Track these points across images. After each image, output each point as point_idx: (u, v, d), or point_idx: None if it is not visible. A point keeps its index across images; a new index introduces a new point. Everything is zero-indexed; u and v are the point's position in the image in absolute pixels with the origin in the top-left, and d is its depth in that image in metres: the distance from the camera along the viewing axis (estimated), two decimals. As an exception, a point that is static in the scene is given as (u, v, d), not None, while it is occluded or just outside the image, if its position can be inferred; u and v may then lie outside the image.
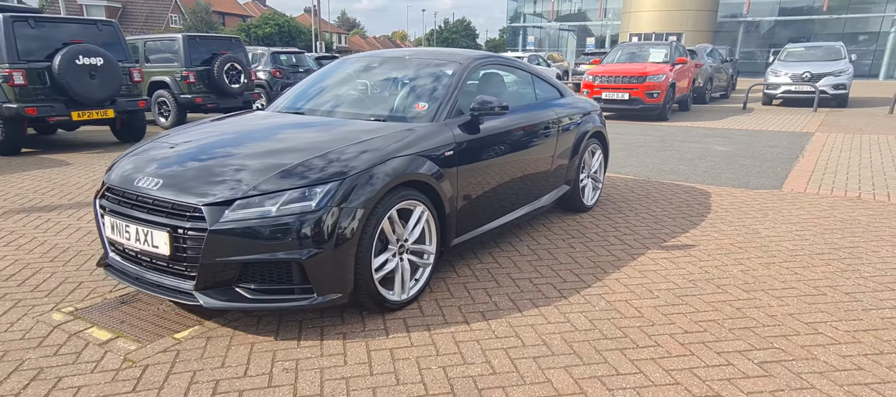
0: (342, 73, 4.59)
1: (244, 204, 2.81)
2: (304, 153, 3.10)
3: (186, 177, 3.01)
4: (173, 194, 2.90)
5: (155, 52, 12.31)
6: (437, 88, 3.90)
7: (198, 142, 3.47)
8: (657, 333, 2.97)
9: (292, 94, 4.51)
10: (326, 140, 3.30)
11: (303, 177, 2.90)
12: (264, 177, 2.89)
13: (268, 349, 2.84)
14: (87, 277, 3.69)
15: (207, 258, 2.79)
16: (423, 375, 2.60)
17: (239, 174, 2.95)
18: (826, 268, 3.87)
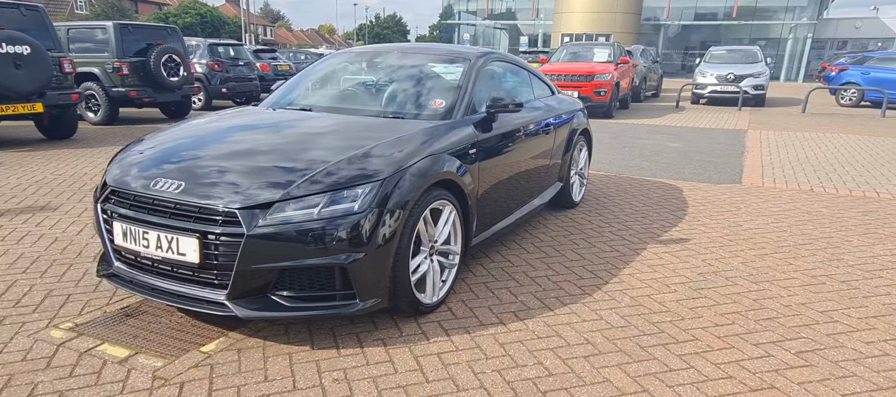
0: (341, 69, 4.41)
1: (283, 207, 2.64)
2: (335, 152, 2.94)
3: (211, 179, 2.78)
4: (201, 198, 2.68)
5: (79, 41, 11.38)
6: (452, 85, 3.82)
7: (209, 142, 3.22)
8: (690, 327, 3.04)
9: (288, 90, 4.29)
10: (353, 139, 3.15)
11: (342, 178, 2.74)
12: (301, 179, 2.72)
13: (308, 359, 2.68)
14: (74, 289, 3.36)
15: (243, 265, 2.59)
16: (480, 380, 2.53)
17: (271, 176, 2.76)
18: (814, 259, 4.11)
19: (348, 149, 2.97)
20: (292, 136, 3.25)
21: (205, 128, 3.51)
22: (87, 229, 4.42)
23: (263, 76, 16.86)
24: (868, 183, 6.66)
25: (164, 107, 12.66)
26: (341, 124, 3.45)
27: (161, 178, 2.82)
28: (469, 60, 4.00)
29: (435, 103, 3.69)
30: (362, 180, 2.75)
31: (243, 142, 3.18)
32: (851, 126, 12.26)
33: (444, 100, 3.68)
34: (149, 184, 2.82)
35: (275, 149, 3.05)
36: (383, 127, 3.33)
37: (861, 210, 5.47)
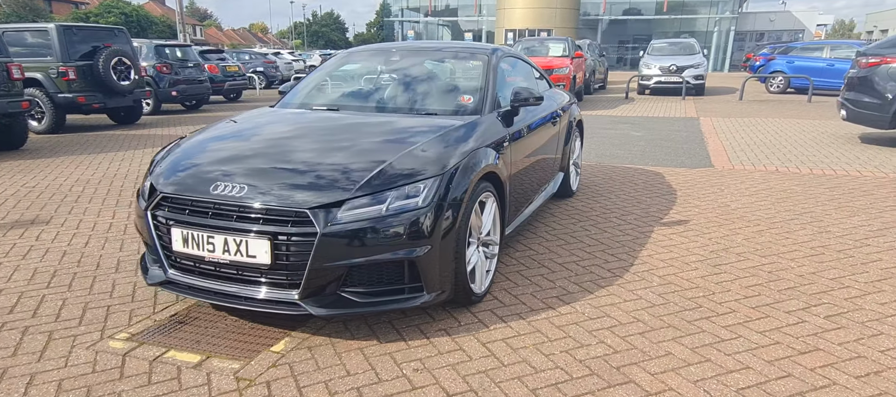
0: (357, 69, 4.43)
1: (353, 205, 2.67)
2: (387, 151, 2.99)
3: (273, 180, 2.78)
4: (270, 199, 2.67)
5: (15, 45, 10.72)
6: (473, 80, 3.92)
7: (256, 144, 3.22)
8: (723, 301, 3.26)
9: (308, 91, 4.28)
10: (399, 137, 3.20)
11: (405, 175, 2.80)
12: (367, 177, 2.75)
13: (380, 352, 2.72)
14: (110, 300, 3.25)
15: (316, 263, 2.61)
16: (553, 361, 2.65)
17: (334, 175, 2.79)
18: (805, 232, 4.45)
19: (400, 147, 3.02)
20: (337, 136, 3.26)
21: (243, 130, 3.48)
22: (95, 240, 4.26)
23: (212, 78, 16.35)
24: (823, 161, 7.21)
25: (113, 114, 12.08)
26: (380, 123, 3.48)
27: (221, 183, 2.79)
28: (485, 57, 4.10)
29: (463, 99, 3.78)
30: (423, 176, 2.81)
31: (292, 143, 3.17)
32: (786, 111, 13.13)
33: (472, 96, 3.77)
34: (208, 189, 2.78)
35: (326, 148, 3.06)
36: (422, 124, 3.39)
37: (827, 186, 5.92)
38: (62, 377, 2.49)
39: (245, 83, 18.63)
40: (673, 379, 2.48)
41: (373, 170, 2.80)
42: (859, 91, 8.47)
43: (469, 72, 4.03)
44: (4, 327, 2.94)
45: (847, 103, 8.62)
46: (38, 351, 2.71)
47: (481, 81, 3.86)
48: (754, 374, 2.51)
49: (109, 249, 4.07)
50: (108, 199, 5.47)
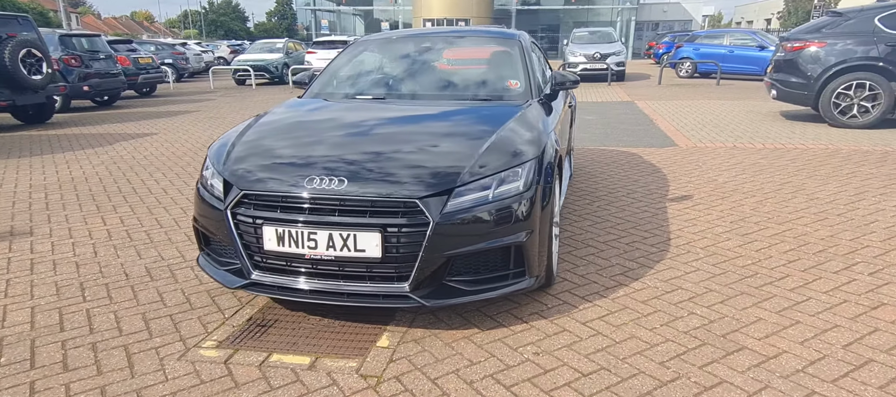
0: (387, 56, 4.29)
1: (461, 192, 2.60)
2: (471, 137, 2.95)
3: (372, 171, 2.66)
4: (376, 191, 2.55)
5: None
6: (513, 65, 3.92)
7: (327, 136, 3.07)
8: (773, 267, 3.47)
9: (337, 82, 4.12)
10: (473, 123, 3.17)
11: (503, 160, 2.76)
12: (467, 164, 2.68)
13: (490, 340, 2.68)
14: (167, 309, 2.97)
15: (428, 254, 2.53)
16: (661, 334, 2.71)
17: (432, 164, 2.71)
18: (798, 201, 4.82)
19: (482, 132, 2.98)
20: (409, 126, 3.17)
21: (304, 122, 3.34)
22: (103, 249, 3.86)
23: (125, 71, 15.14)
24: (767, 137, 7.82)
25: (20, 112, 10.89)
26: (442, 111, 3.40)
27: (315, 176, 2.63)
28: (516, 41, 4.11)
29: (510, 84, 3.77)
30: (520, 160, 2.79)
31: (369, 134, 3.06)
32: (704, 93, 14.09)
33: (517, 81, 3.77)
34: (302, 183, 2.61)
35: (406, 137, 2.97)
36: (487, 110, 3.36)
37: (787, 159, 6.44)
38: (172, 390, 2.26)
39: (160, 76, 17.45)
40: (781, 342, 2.62)
41: (472, 156, 2.74)
42: (787, 72, 9.24)
43: (504, 56, 4.02)
44: (67, 345, 2.62)
45: (777, 83, 9.38)
46: (124, 366, 2.44)
47: (521, 66, 3.87)
48: (847, 332, 2.70)
49: (127, 257, 3.71)
50: (86, 205, 4.96)
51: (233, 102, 13.74)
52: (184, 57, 23.47)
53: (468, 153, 2.77)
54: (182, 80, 22.68)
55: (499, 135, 2.94)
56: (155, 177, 5.93)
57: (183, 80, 22.79)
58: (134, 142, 8.21)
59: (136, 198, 5.12)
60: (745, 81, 17.83)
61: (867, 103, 8.43)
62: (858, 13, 8.68)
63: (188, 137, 8.55)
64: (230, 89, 17.86)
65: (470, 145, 2.85)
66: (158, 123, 10.18)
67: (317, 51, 18.63)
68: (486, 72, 3.98)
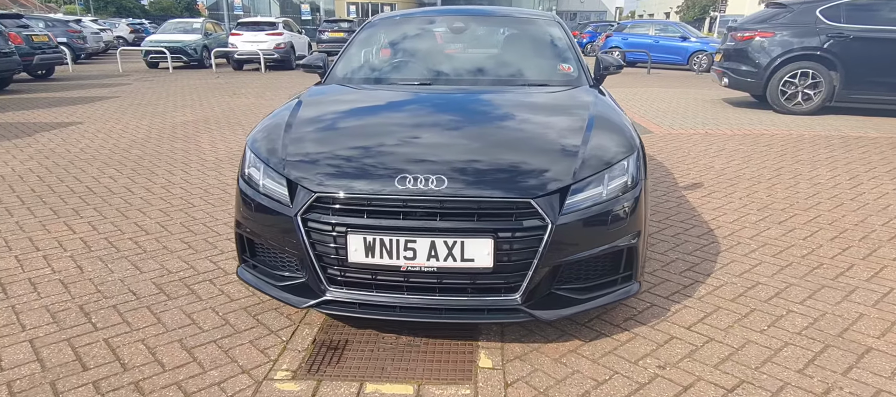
0: (415, 37, 3.85)
1: (576, 190, 2.29)
2: (567, 128, 2.64)
3: (474, 169, 2.28)
4: (482, 191, 2.18)
5: None
6: (561, 48, 3.63)
7: (398, 128, 2.66)
8: (831, 256, 3.39)
9: (369, 67, 3.66)
10: (556, 113, 2.85)
11: (608, 154, 2.46)
12: (576, 160, 2.36)
13: (600, 353, 2.38)
14: (206, 334, 2.45)
15: (544, 261, 2.20)
16: (779, 338, 2.53)
17: (537, 159, 2.37)
18: (804, 186, 4.86)
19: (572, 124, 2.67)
20: (487, 114, 2.79)
21: (361, 112, 2.92)
22: (91, 262, 3.19)
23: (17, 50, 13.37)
24: (730, 123, 8.01)
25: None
26: (508, 100, 3.04)
27: (407, 175, 2.21)
28: (556, 23, 3.83)
29: (563, 68, 3.47)
30: (622, 153, 2.50)
31: (448, 126, 2.69)
32: (642, 82, 14.46)
33: (570, 65, 3.48)
34: (393, 182, 2.20)
35: (496, 130, 2.61)
36: (559, 98, 3.07)
37: (761, 144, 6.58)
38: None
39: (59, 57, 15.59)
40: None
41: (575, 150, 2.42)
42: (737, 61, 9.54)
43: (548, 39, 3.71)
44: (103, 387, 2.06)
45: (728, 72, 9.67)
46: (191, 416, 1.94)
47: (570, 49, 3.59)
48: (953, 321, 2.65)
49: (124, 272, 3.08)
50: (38, 210, 4.18)
51: (155, 87, 12.52)
52: (80, 35, 21.16)
53: (570, 146, 2.45)
54: (79, 61, 20.53)
55: (592, 126, 2.64)
56: (108, 174, 5.14)
57: (80, 61, 20.65)
58: (58, 133, 7.18)
59: (98, 200, 4.38)
60: (670, 71, 18.56)
61: (810, 91, 8.84)
62: (802, 5, 9.06)
63: (123, 127, 7.60)
64: (143, 73, 16.34)
65: (567, 137, 2.53)
66: (77, 111, 9.03)
67: (242, 32, 17.42)
68: (534, 55, 3.66)
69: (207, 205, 4.27)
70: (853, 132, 7.39)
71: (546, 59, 3.60)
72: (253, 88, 12.32)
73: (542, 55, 3.64)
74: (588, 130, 2.58)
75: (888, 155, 6.02)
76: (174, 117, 8.41)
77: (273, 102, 10.02)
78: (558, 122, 2.71)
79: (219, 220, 3.94)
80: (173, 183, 4.85)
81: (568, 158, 2.37)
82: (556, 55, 3.61)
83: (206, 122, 7.98)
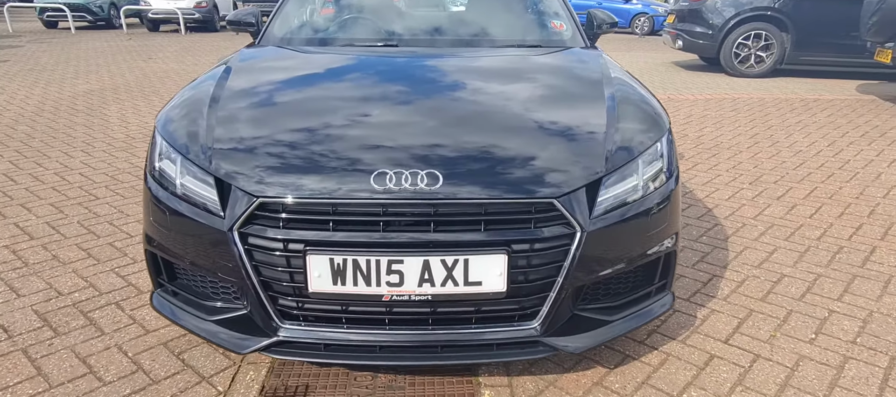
0: None
1: (609, 183, 1.75)
2: (580, 101, 2.10)
3: (473, 160, 1.69)
4: (490, 188, 1.60)
5: None
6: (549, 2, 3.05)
7: (364, 105, 2.01)
8: (847, 237, 3.03)
9: (305, 24, 2.92)
10: (561, 81, 2.29)
11: (634, 134, 1.92)
12: (599, 143, 1.82)
13: (632, 384, 1.89)
14: (125, 389, 1.78)
15: (573, 279, 1.67)
16: (828, 348, 2.11)
17: (552, 144, 1.81)
18: (786, 155, 4.53)
19: (586, 97, 2.13)
20: (476, 89, 2.17)
21: (310, 81, 2.20)
22: None
23: None
24: (688, 87, 7.72)
25: None
26: (506, 63, 2.44)
27: (388, 171, 1.60)
28: None
29: (555, 25, 2.89)
30: (654, 134, 1.98)
31: (431, 101, 2.05)
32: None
33: (563, 23, 2.91)
34: (368, 180, 1.58)
35: (494, 107, 2.01)
36: (559, 63, 2.51)
37: (726, 109, 6.27)
38: None
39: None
40: (967, 343, 2.15)
41: (597, 132, 1.87)
42: (691, 23, 9.28)
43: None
44: None
45: (682, 33, 9.40)
46: None
47: (562, 6, 3.01)
48: None
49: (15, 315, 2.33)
50: None
51: (52, 50, 11.05)
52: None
53: (594, 126, 1.90)
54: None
55: (614, 100, 2.08)
56: (-13, 156, 4.22)
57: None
58: (-68, 104, 6.03)
59: (-30, 191, 3.51)
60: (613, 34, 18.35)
61: (762, 53, 8.69)
62: (754, -36, 8.84)
63: (9, 98, 6.47)
64: (39, 33, 14.55)
65: (588, 115, 1.97)
66: (-41, 79, 7.74)
67: (154, -12, 15.79)
68: (519, 9, 3.05)
69: (115, 196, 3.49)
70: (809, 94, 7.25)
71: (534, 15, 3.02)
72: (171, 52, 11.10)
73: (528, 9, 3.05)
74: (610, 105, 2.03)
75: (852, 118, 5.84)
76: (75, 86, 7.29)
77: (197, 69, 8.97)
78: (572, 96, 2.15)
79: (130, 217, 3.18)
80: (71, 168, 4.00)
81: (594, 142, 1.82)
82: (544, 10, 3.03)
83: (115, 92, 6.95)
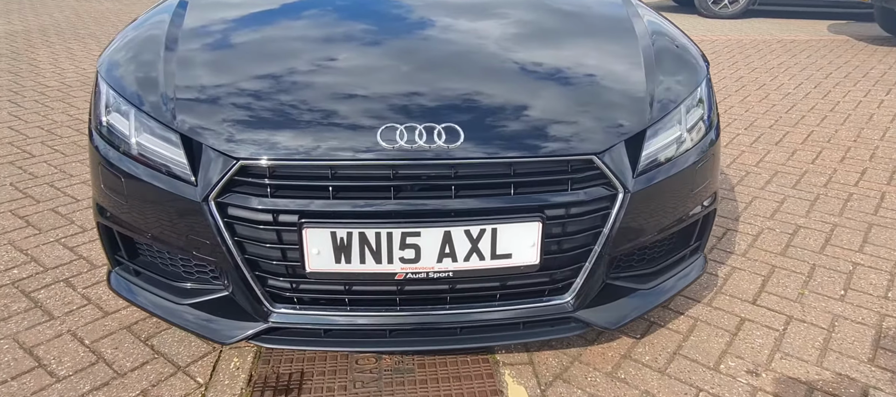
0: None
1: (653, 135, 1.51)
2: (606, 35, 1.84)
3: (496, 113, 1.41)
4: (519, 146, 1.34)
5: None
6: None
7: (355, 46, 1.67)
8: (855, 183, 2.91)
9: None
10: (586, 17, 2.00)
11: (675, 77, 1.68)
12: (638, 87, 1.56)
13: (664, 355, 1.71)
14: (84, 386, 1.49)
15: (613, 246, 1.44)
16: (864, 306, 1.98)
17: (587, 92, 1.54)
18: (775, 97, 4.39)
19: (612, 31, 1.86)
20: (493, 26, 1.82)
21: (284, 13, 1.82)
22: None
23: None
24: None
25: None
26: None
27: (397, 125, 1.32)
28: None
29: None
30: (696, 76, 1.74)
31: (440, 42, 1.72)
32: None
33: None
34: (374, 136, 1.30)
35: (508, 49, 1.69)
36: None
37: (706, 51, 6.10)
38: None
39: None
40: None
41: (641, 77, 1.60)
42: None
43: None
44: None
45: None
46: None
47: None
48: None
49: None
50: None
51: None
52: None
53: (632, 69, 1.64)
54: None
55: (645, 37, 1.81)
56: None
57: None
58: None
59: None
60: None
61: (735, -9, 8.53)
62: None
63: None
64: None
65: (623, 56, 1.71)
66: None
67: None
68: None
69: (54, 153, 3.08)
70: (785, 35, 7.13)
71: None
72: (111, -9, 10.20)
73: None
74: (645, 44, 1.76)
75: (832, 59, 5.74)
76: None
77: (140, 5, 8.24)
78: (602, 35, 1.87)
79: (75, 177, 2.81)
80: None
81: (635, 87, 1.57)
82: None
83: (44, 33, 6.28)
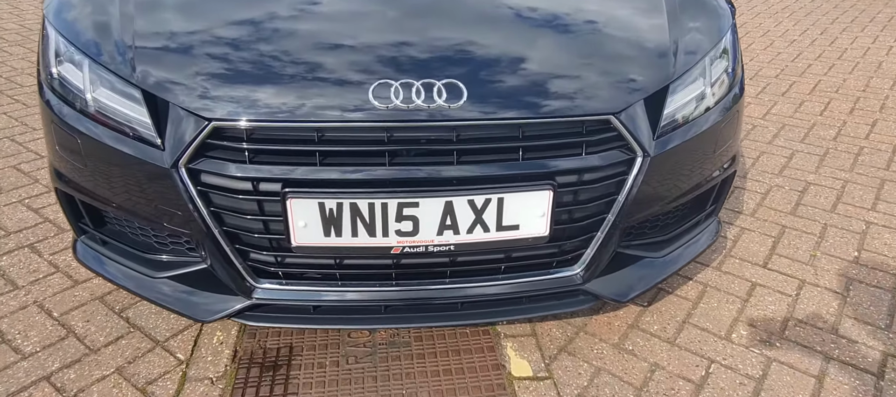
0: None
1: (675, 90, 1.36)
2: None
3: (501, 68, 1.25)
4: (526, 106, 1.19)
5: None
6: None
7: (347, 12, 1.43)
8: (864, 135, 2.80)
9: None
10: None
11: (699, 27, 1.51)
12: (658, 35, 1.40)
13: (673, 324, 1.63)
14: (53, 364, 1.37)
15: (628, 215, 1.32)
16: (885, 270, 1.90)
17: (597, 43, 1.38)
18: (780, 44, 4.22)
19: None
20: None
21: None
22: None
23: None
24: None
25: None
26: None
27: (391, 82, 1.16)
28: None
29: None
30: (719, 25, 1.57)
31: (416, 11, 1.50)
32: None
33: None
34: (365, 92, 1.13)
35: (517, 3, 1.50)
36: None
37: None
38: None
39: None
40: None
41: (663, 26, 1.44)
42: None
43: None
44: None
45: None
46: None
47: None
48: None
49: None
50: None
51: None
52: None
53: (649, 16, 1.48)
54: None
55: None
56: None
57: None
58: None
59: None
60: None
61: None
62: None
63: None
64: None
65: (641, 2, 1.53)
66: None
67: None
68: None
69: (14, 103, 2.88)
70: (787, -23, 6.89)
71: None
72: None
73: None
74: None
75: (837, 2, 5.54)
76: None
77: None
78: None
79: (37, 130, 2.62)
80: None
81: (656, 37, 1.41)
82: None
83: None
